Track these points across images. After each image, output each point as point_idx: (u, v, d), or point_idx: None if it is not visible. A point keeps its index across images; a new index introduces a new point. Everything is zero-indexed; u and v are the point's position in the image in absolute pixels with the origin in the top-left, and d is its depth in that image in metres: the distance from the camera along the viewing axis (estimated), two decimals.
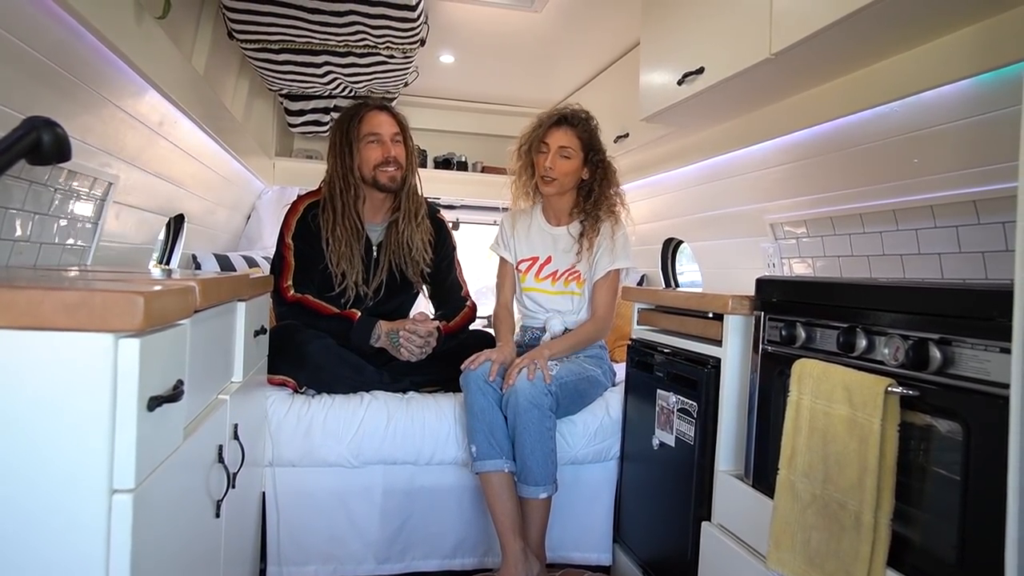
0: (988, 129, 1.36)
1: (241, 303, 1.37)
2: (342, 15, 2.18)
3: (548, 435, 1.73)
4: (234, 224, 3.31)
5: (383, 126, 2.04)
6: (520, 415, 1.71)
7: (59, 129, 0.98)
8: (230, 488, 1.20)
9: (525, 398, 1.71)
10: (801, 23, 1.40)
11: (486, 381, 1.77)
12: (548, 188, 2.05)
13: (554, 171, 2.01)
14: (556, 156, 2.01)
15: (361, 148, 2.03)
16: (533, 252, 2.13)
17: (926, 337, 0.98)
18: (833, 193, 1.89)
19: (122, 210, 1.89)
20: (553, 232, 2.13)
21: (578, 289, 2.07)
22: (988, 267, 1.45)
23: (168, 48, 1.75)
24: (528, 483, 1.72)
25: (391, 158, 2.02)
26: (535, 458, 1.71)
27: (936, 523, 0.98)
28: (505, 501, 1.71)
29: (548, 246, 2.12)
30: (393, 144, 2.04)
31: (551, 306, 2.09)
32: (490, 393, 1.77)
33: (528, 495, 1.72)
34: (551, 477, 1.74)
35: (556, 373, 1.83)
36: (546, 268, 2.11)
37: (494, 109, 3.83)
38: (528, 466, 1.71)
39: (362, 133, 2.03)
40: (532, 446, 1.71)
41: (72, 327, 0.69)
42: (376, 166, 2.02)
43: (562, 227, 2.13)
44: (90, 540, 0.70)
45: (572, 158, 2.02)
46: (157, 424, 0.79)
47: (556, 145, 2.01)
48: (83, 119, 1.51)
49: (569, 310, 2.08)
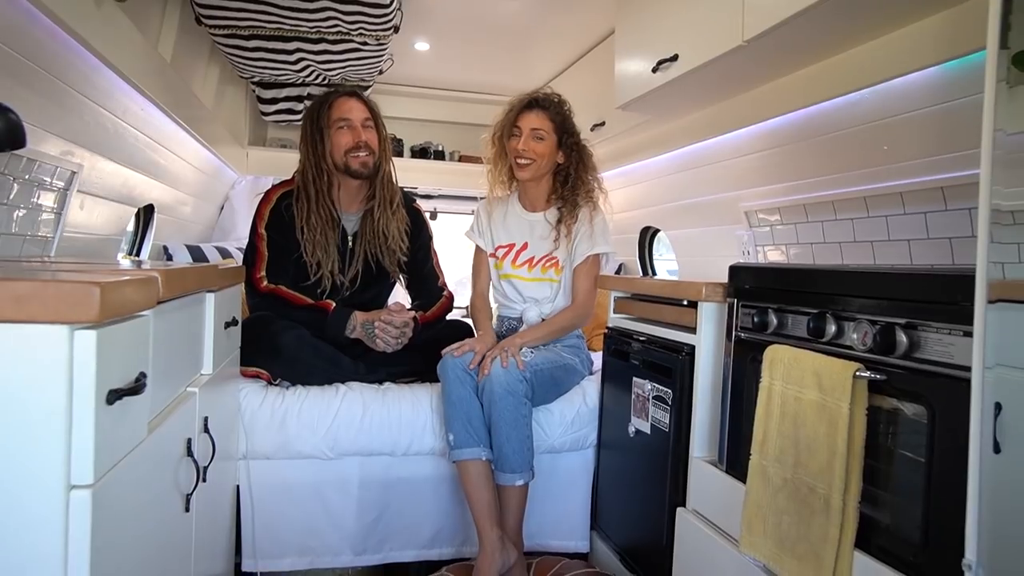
0: (954, 116, 1.38)
1: (210, 294, 1.34)
2: (313, 0, 2.14)
3: (524, 422, 1.73)
4: (207, 215, 3.25)
5: (353, 111, 2.01)
6: (495, 403, 1.71)
7: (12, 115, 0.95)
8: (200, 482, 1.18)
9: (500, 385, 1.71)
10: (773, 10, 1.40)
11: (464, 370, 1.77)
12: (523, 173, 2.02)
13: (528, 152, 1.99)
14: (529, 138, 1.99)
15: (332, 134, 2.00)
16: (510, 239, 2.11)
17: (893, 322, 0.99)
18: (806, 180, 1.90)
19: (88, 200, 1.84)
20: (530, 218, 2.11)
21: (556, 276, 2.05)
22: (955, 253, 1.47)
23: (131, 32, 1.70)
24: (505, 470, 1.72)
25: (362, 143, 2.00)
26: (511, 445, 1.71)
27: (902, 504, 0.99)
28: (482, 489, 1.71)
29: (525, 232, 2.10)
30: (364, 129, 2.01)
31: (528, 293, 2.07)
32: (468, 382, 1.77)
33: (505, 482, 1.73)
34: (527, 464, 1.74)
35: (531, 360, 1.82)
36: (523, 254, 2.09)
37: (471, 97, 3.79)
38: (504, 453, 1.72)
39: (332, 119, 2.00)
40: (508, 433, 1.71)
41: (24, 319, 0.67)
42: (347, 151, 2.00)
43: (539, 213, 2.10)
44: (47, 538, 0.68)
45: (545, 139, 2.00)
46: (118, 418, 0.77)
47: (528, 127, 1.99)
48: (43, 106, 1.47)
49: (546, 297, 2.06)
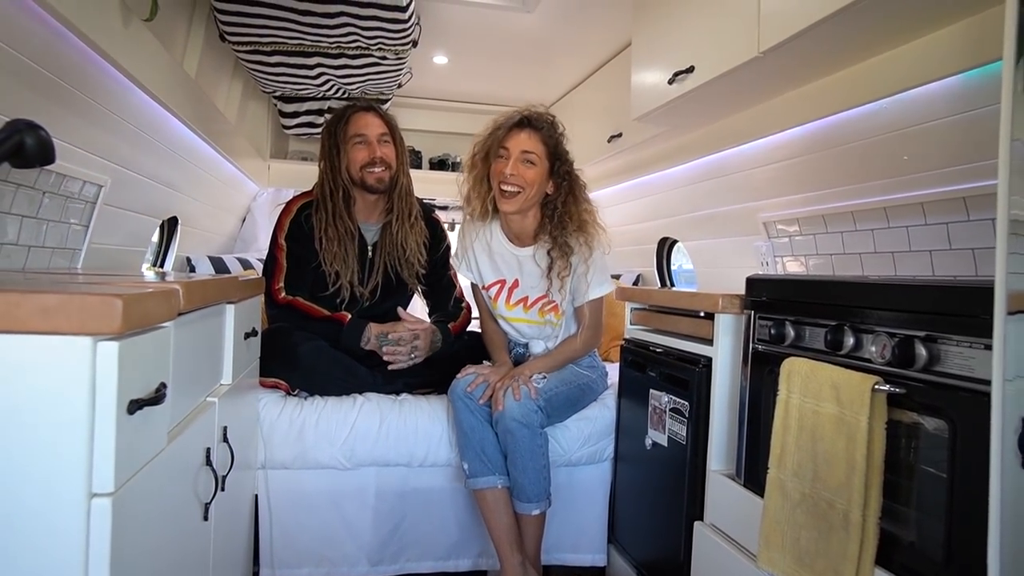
0: (976, 125, 1.36)
1: (230, 305, 1.36)
2: (333, 16, 2.18)
3: (539, 452, 1.71)
4: (229, 226, 3.30)
5: (369, 127, 2.03)
6: (511, 434, 1.69)
7: (42, 132, 0.98)
8: (219, 491, 1.20)
9: (513, 419, 1.68)
10: (789, 21, 1.40)
11: (472, 397, 1.75)
12: (508, 204, 1.76)
13: (516, 179, 1.74)
14: (518, 162, 1.75)
15: (348, 149, 2.02)
16: (498, 275, 1.92)
17: (912, 335, 0.97)
18: (825, 191, 1.89)
19: (114, 213, 1.88)
20: (517, 253, 1.90)
21: (556, 319, 1.89)
22: (978, 264, 1.45)
23: (157, 50, 1.74)
24: (522, 500, 1.71)
25: (377, 158, 2.01)
26: (527, 476, 1.70)
27: (924, 521, 0.98)
28: (501, 516, 1.71)
29: (513, 268, 1.90)
30: (380, 145, 2.03)
31: (530, 334, 1.94)
32: (477, 410, 1.75)
33: (522, 511, 1.72)
34: (544, 493, 1.73)
35: (544, 387, 1.78)
36: (516, 293, 1.91)
37: (488, 110, 3.75)
38: (520, 484, 1.71)
39: (349, 134, 2.02)
40: (524, 465, 1.69)
41: (50, 330, 0.69)
42: (363, 167, 2.01)
43: (527, 249, 1.88)
44: (69, 545, 0.70)
45: (536, 165, 1.76)
46: (138, 427, 0.78)
47: (518, 150, 1.75)
48: (71, 122, 1.51)
49: (549, 336, 1.94)
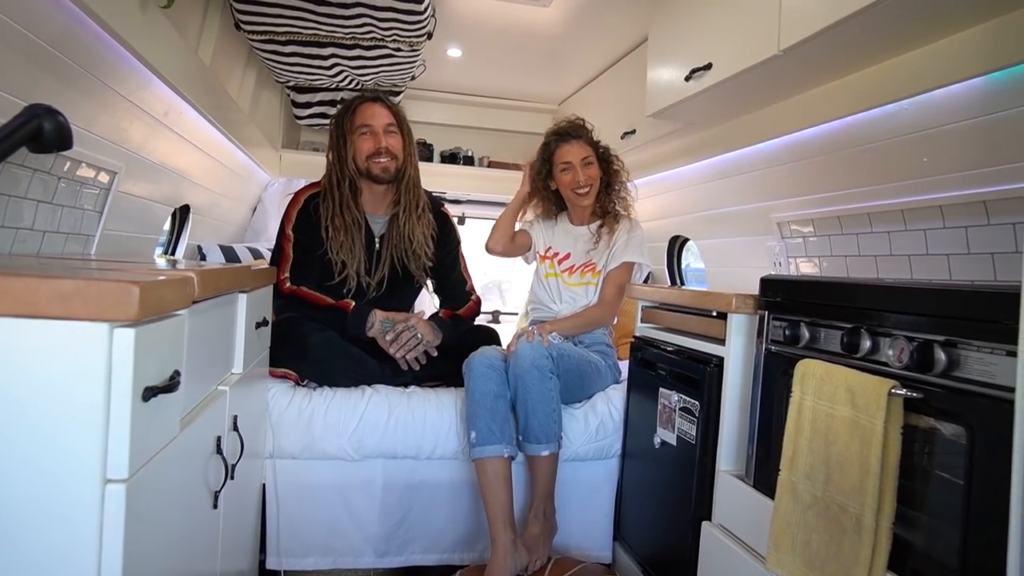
0: (999, 128, 1.34)
1: (242, 294, 1.36)
2: (349, 7, 2.17)
3: (549, 395, 1.77)
4: (240, 216, 3.31)
5: (375, 117, 2.02)
6: (521, 376, 1.76)
7: (60, 117, 0.97)
8: (228, 479, 1.20)
9: (526, 359, 1.77)
10: (810, 19, 1.38)
11: (489, 366, 1.79)
12: (586, 200, 2.18)
13: (587, 181, 2.16)
14: (582, 167, 2.16)
15: (355, 140, 2.02)
16: (556, 248, 2.29)
17: (931, 339, 0.96)
18: (840, 192, 1.87)
19: (127, 200, 1.89)
20: (576, 231, 2.28)
21: (593, 279, 2.20)
22: (998, 269, 1.43)
23: (173, 37, 1.74)
24: (531, 440, 1.76)
25: (383, 148, 2.01)
26: (536, 416, 1.75)
27: (939, 527, 0.97)
28: (499, 491, 1.71)
29: (569, 244, 2.26)
30: (386, 135, 2.02)
31: (568, 294, 2.20)
32: (494, 378, 1.78)
33: (532, 452, 1.76)
34: (554, 435, 1.77)
35: (558, 343, 1.89)
36: (566, 262, 2.26)
37: (501, 104, 3.80)
38: (530, 424, 1.75)
39: (355, 125, 2.02)
40: (533, 405, 1.75)
41: (67, 316, 0.69)
42: (368, 157, 2.01)
43: (584, 226, 2.27)
44: (83, 529, 0.70)
45: (593, 163, 2.18)
46: (152, 414, 0.78)
47: (578, 159, 2.15)
48: (87, 108, 1.51)
49: (582, 298, 2.19)
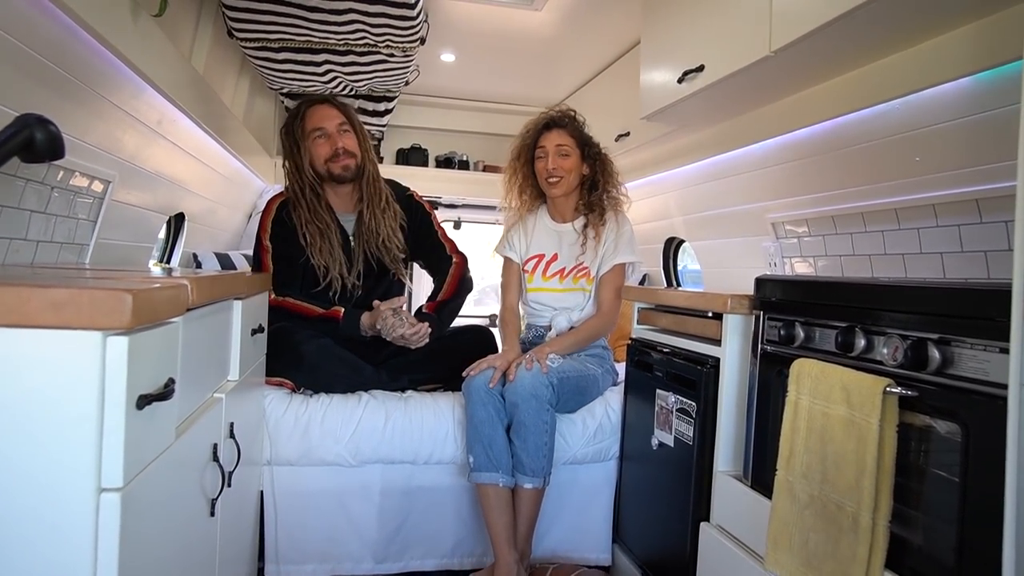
0: (989, 127, 1.35)
1: (238, 301, 1.36)
2: (341, 13, 2.18)
3: (544, 428, 1.74)
4: (235, 223, 3.31)
5: (327, 119, 2.00)
6: (519, 404, 1.74)
7: (52, 127, 0.97)
8: (225, 487, 1.20)
9: (524, 388, 1.74)
10: (801, 20, 1.39)
11: (487, 391, 1.77)
12: (556, 190, 2.08)
13: (557, 170, 2.05)
14: (555, 156, 2.05)
15: (309, 145, 1.99)
16: (540, 249, 2.15)
17: (925, 337, 0.97)
18: (834, 192, 1.87)
19: (122, 208, 1.89)
20: (559, 229, 2.15)
21: (587, 285, 2.09)
22: (991, 266, 1.44)
23: (165, 46, 1.74)
24: (518, 470, 1.74)
25: (340, 150, 1.98)
26: (527, 450, 1.73)
27: (935, 525, 0.97)
28: (500, 512, 1.72)
29: (554, 243, 2.14)
30: (341, 135, 2.00)
31: (559, 305, 2.09)
32: (491, 404, 1.76)
33: (518, 483, 1.74)
34: (541, 470, 1.74)
35: (558, 367, 1.83)
36: (553, 265, 2.12)
37: (495, 108, 3.82)
38: (519, 457, 1.73)
39: (307, 130, 1.99)
40: (525, 436, 1.73)
41: (60, 325, 0.69)
42: (328, 160, 1.99)
43: (567, 223, 2.15)
44: (78, 539, 0.70)
45: (570, 155, 2.06)
46: (147, 422, 0.78)
47: (552, 145, 2.05)
48: (80, 117, 1.51)
49: (577, 305, 2.08)
